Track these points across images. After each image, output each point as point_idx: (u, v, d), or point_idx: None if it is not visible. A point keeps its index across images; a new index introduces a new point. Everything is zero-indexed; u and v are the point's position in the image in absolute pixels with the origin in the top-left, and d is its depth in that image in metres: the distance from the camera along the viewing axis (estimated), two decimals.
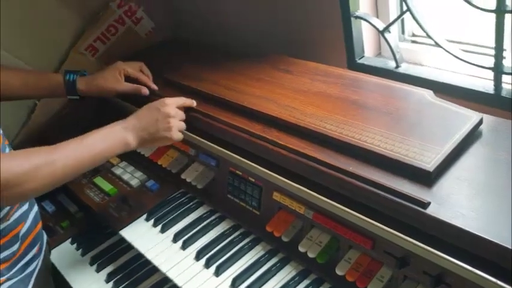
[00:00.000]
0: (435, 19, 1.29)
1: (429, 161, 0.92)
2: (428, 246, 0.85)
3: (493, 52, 1.15)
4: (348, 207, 0.97)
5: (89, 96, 1.44)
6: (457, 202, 0.87)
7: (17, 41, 1.58)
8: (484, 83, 1.19)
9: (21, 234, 1.14)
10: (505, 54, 1.14)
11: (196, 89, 1.36)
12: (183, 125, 1.23)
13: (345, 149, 1.02)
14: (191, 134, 1.29)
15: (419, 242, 0.87)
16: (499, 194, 0.86)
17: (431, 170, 0.90)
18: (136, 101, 1.46)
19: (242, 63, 1.45)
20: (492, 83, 1.17)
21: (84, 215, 1.50)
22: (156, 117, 1.17)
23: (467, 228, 0.81)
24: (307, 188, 1.04)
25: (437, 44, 1.21)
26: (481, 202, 0.86)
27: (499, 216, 0.81)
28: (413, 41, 1.45)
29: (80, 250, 1.37)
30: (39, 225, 1.23)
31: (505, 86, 1.16)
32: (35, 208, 1.22)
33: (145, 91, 1.43)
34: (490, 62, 1.15)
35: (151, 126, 1.16)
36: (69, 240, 1.42)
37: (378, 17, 1.41)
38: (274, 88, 1.28)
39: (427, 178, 0.91)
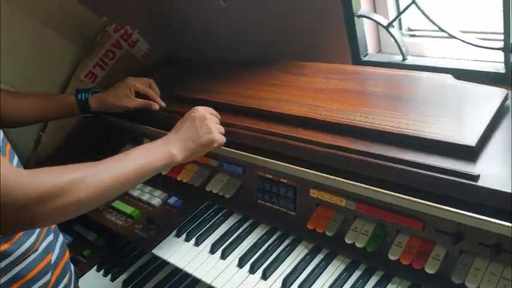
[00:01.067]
0: (436, 10, 1.34)
1: (469, 137, 0.95)
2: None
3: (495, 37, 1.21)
4: (394, 192, 0.98)
5: (101, 113, 1.46)
6: (503, 171, 0.90)
7: (15, 72, 1.56)
8: (493, 65, 1.24)
9: (51, 263, 1.11)
10: None
11: (212, 101, 1.36)
12: (221, 128, 1.22)
13: (380, 138, 1.04)
14: None
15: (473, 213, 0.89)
16: None
17: (473, 145, 0.93)
18: (145, 119, 1.47)
19: (251, 72, 1.47)
20: (501, 64, 1.23)
21: (105, 241, 1.46)
22: (193, 123, 1.16)
23: None
24: (349, 180, 1.05)
25: (449, 34, 1.26)
26: None
27: None
28: (411, 35, 1.50)
29: (109, 276, 1.34)
30: (67, 255, 1.20)
31: None
32: (61, 238, 1.18)
33: (155, 106, 1.45)
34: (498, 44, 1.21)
35: (192, 133, 1.15)
36: (95, 267, 1.39)
37: (376, 13, 1.46)
38: (292, 91, 1.30)
39: (471, 153, 0.94)
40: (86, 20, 1.66)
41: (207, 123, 1.17)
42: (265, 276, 1.09)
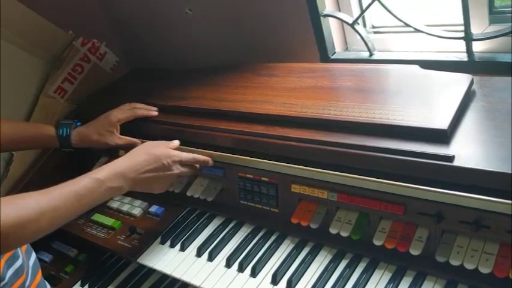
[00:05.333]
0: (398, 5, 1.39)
1: (441, 121, 0.99)
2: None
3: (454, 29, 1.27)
4: (375, 178, 1.01)
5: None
6: (475, 151, 0.94)
7: None
8: (456, 55, 1.30)
9: (23, 285, 1.07)
10: None
11: (185, 107, 1.38)
12: (184, 171, 1.24)
13: (356, 129, 1.08)
14: (194, 149, 1.29)
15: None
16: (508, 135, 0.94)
17: (446, 128, 0.98)
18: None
19: (221, 77, 1.49)
20: (463, 53, 1.29)
21: (87, 256, 1.44)
22: (158, 174, 1.18)
23: (496, 170, 0.88)
24: (330, 171, 1.07)
25: (414, 28, 1.30)
26: (496, 146, 0.94)
27: None
28: (375, 32, 1.55)
29: None
30: (39, 275, 1.17)
31: (476, 54, 1.27)
32: (33, 258, 1.15)
33: (137, 143, 1.39)
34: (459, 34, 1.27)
35: (148, 181, 1.17)
36: (79, 283, 1.36)
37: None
38: (265, 91, 1.33)
39: (444, 136, 0.98)
40: (51, 35, 1.65)
41: (167, 183, 1.22)
42: (254, 274, 1.10)
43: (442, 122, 0.99)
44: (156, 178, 1.18)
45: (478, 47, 1.28)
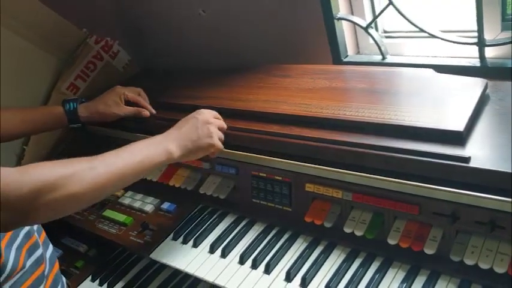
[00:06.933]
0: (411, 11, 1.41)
1: (457, 123, 1.01)
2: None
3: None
4: (391, 178, 1.02)
5: (90, 122, 1.45)
6: (491, 153, 0.96)
7: None
8: (468, 60, 1.32)
9: (43, 274, 1.09)
10: None
11: (200, 106, 1.37)
12: (221, 135, 1.21)
13: (373, 129, 1.09)
14: None
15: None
16: None
17: (462, 129, 0.99)
18: (132, 127, 1.49)
19: (235, 77, 1.50)
20: (475, 59, 1.31)
21: (97, 252, 1.45)
22: (196, 124, 1.16)
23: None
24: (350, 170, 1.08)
25: (428, 33, 1.32)
26: (511, 148, 0.95)
27: None
28: (387, 37, 1.57)
29: (105, 285, 1.32)
30: (57, 266, 1.18)
31: (488, 59, 1.29)
32: (50, 249, 1.17)
33: (146, 113, 1.46)
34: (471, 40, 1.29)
35: (192, 133, 1.14)
36: (89, 278, 1.37)
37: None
38: (279, 91, 1.34)
39: (460, 138, 1.00)
40: (66, 32, 1.67)
41: (208, 127, 1.17)
42: (268, 270, 1.11)
43: (458, 123, 1.01)
44: (193, 127, 1.16)
45: (488, 53, 1.30)
